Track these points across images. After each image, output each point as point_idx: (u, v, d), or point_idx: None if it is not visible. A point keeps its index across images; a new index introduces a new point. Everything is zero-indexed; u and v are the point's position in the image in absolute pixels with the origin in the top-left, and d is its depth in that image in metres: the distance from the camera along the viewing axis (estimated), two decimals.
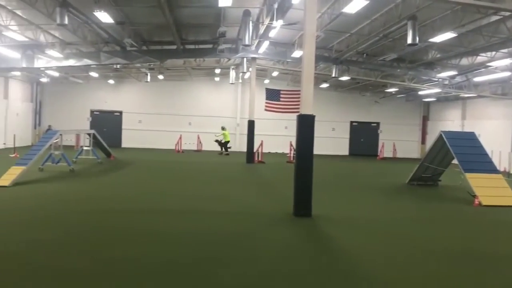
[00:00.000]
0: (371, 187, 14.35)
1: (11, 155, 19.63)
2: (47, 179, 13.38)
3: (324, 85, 28.02)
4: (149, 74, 27.10)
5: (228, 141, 26.75)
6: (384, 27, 14.68)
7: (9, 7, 14.22)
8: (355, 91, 30.83)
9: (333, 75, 21.33)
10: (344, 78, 22.93)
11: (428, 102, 31.86)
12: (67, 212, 8.87)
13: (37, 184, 12.28)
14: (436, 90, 24.28)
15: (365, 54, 20.43)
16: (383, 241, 7.52)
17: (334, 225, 8.62)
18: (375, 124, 32.51)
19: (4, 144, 23.36)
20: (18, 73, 25.65)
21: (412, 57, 20.21)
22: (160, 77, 28.50)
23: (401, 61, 20.81)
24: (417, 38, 13.29)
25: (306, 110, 9.23)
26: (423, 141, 32.16)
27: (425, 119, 32.60)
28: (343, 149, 31.74)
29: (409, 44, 13.67)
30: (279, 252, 6.64)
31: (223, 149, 26.75)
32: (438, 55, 18.83)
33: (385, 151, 29.55)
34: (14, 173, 12.08)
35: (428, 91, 25.83)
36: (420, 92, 27.31)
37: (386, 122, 32.14)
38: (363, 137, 32.22)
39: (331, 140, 30.25)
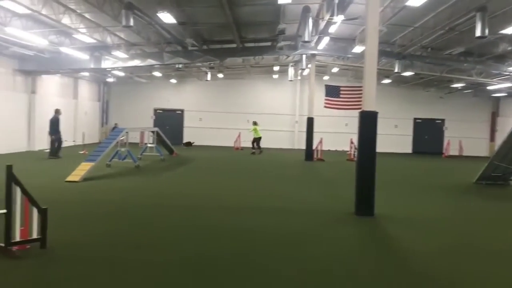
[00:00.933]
0: (436, 186, 13.81)
1: (80, 152, 20.64)
2: (114, 175, 13.96)
3: (386, 81, 27.29)
4: (209, 73, 27.56)
5: (259, 138, 24.67)
6: (450, 19, 14.03)
7: (78, 11, 14.89)
8: (418, 87, 29.79)
9: (396, 71, 20.70)
10: (407, 73, 22.21)
11: (498, 98, 30.18)
12: (134, 206, 9.20)
13: (105, 180, 12.83)
14: (507, 84, 22.94)
15: (429, 48, 19.64)
16: (448, 242, 7.21)
17: (398, 224, 8.37)
18: (439, 121, 31.26)
19: (74, 141, 24.62)
20: (86, 74, 26.93)
21: (481, 50, 19.19)
22: (220, 75, 28.91)
23: (469, 54, 19.81)
24: (487, 31, 12.57)
25: (369, 106, 9.01)
26: (492, 139, 30.52)
27: (494, 115, 30.93)
28: (406, 147, 30.78)
29: (478, 37, 12.96)
30: (342, 251, 6.53)
31: (254, 146, 24.56)
32: (510, 48, 17.77)
33: (451, 149, 28.32)
34: (83, 169, 12.69)
35: (498, 86, 24.44)
36: (489, 87, 25.90)
37: (452, 119, 30.81)
38: (427, 135, 31.08)
39: (393, 138, 29.36)
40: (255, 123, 24.82)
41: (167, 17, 14.07)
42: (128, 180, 13.07)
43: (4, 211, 5.57)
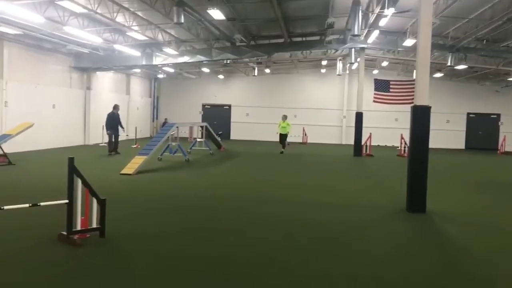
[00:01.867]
0: (492, 183, 13.32)
1: (133, 146, 21.33)
2: (165, 168, 14.34)
3: (438, 75, 26.48)
4: (256, 68, 27.71)
5: (286, 134, 21.29)
6: (508, 10, 13.44)
7: (132, 9, 15.36)
8: (472, 81, 28.71)
9: (449, 64, 20.05)
10: (461, 66, 21.46)
11: None
12: (186, 199, 9.45)
13: (157, 173, 13.22)
14: None
15: (485, 41, 18.88)
16: (505, 241, 6.95)
17: (451, 222, 8.15)
18: (495, 116, 29.99)
19: (127, 135, 25.45)
20: (138, 70, 27.74)
21: None
22: (267, 70, 28.99)
23: None
24: None
25: (421, 101, 8.80)
26: None
27: None
28: (459, 143, 29.77)
29: None
30: (394, 246, 6.45)
31: (283, 145, 21.32)
32: None
33: (507, 144, 27.12)
34: (137, 162, 13.13)
35: None
36: None
37: (508, 114, 29.49)
38: (481, 130, 29.91)
39: (445, 133, 28.46)
40: (285, 117, 21.50)
41: (216, 14, 14.27)
42: (179, 174, 13.40)
43: (66, 201, 5.87)
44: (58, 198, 6.26)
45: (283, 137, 21.21)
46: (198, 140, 20.55)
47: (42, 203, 6.00)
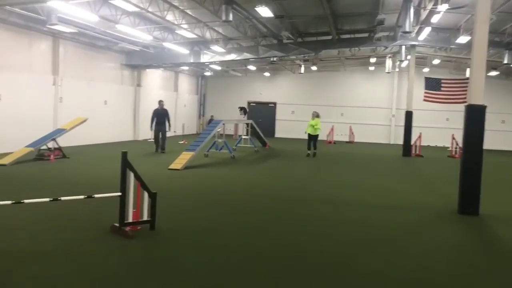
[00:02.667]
0: None
1: (180, 142, 21.73)
2: (212, 164, 14.53)
3: (493, 73, 25.40)
4: (303, 65, 27.56)
5: (316, 136, 18.04)
6: None
7: (181, 7, 15.64)
8: None
9: (505, 62, 19.20)
10: None
11: None
12: (232, 194, 9.53)
13: (204, 169, 13.40)
14: None
15: None
16: None
17: (505, 225, 7.82)
18: None
19: (175, 132, 25.98)
20: (186, 68, 28.21)
21: None
22: (314, 68, 28.77)
23: None
24: None
25: (476, 100, 8.47)
26: None
27: None
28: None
29: None
30: (445, 249, 6.25)
31: (310, 146, 18.22)
32: None
33: None
34: (184, 158, 13.36)
35: None
36: None
37: None
38: None
39: (500, 134, 27.30)
40: (315, 116, 18.14)
41: (264, 11, 14.29)
42: (225, 170, 13.54)
43: (119, 194, 6.04)
44: (111, 191, 6.46)
45: (312, 138, 17.94)
46: (243, 137, 20.68)
47: (96, 195, 6.21)
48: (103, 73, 20.86)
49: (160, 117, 17.46)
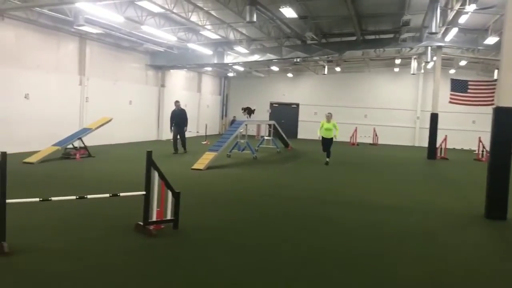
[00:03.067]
0: None
1: (203, 142, 21.86)
2: (234, 164, 14.56)
3: None
4: (326, 66, 27.40)
5: (330, 139, 15.88)
6: None
7: (206, 8, 15.74)
8: None
9: None
10: None
11: None
12: (255, 194, 9.54)
13: (226, 169, 13.45)
14: None
15: None
16: None
17: None
18: None
19: (197, 132, 26.15)
20: (209, 69, 28.37)
21: None
22: (338, 69, 28.58)
23: None
24: None
25: (505, 102, 8.27)
26: None
27: None
28: None
29: None
30: (472, 253, 6.12)
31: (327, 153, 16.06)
32: None
33: None
34: (207, 158, 13.43)
35: None
36: None
37: None
38: None
39: None
40: (329, 117, 16.11)
41: (289, 12, 14.28)
42: (247, 170, 13.55)
43: (144, 192, 6.11)
44: (135, 189, 6.54)
45: (326, 142, 15.73)
46: (265, 138, 20.68)
47: (121, 194, 6.29)
48: (128, 74, 21.14)
49: (178, 118, 17.10)
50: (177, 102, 17.45)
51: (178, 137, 17.16)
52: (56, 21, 15.50)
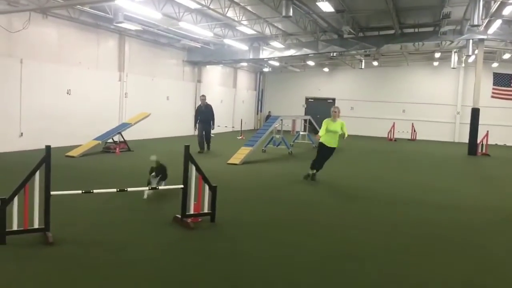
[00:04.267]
0: None
1: (238, 137, 21.97)
2: (269, 159, 14.58)
3: None
4: (363, 60, 26.99)
5: (332, 148, 10.78)
6: None
7: (242, 4, 15.77)
8: None
9: None
10: None
11: None
12: (291, 190, 9.53)
13: (261, 164, 13.48)
14: None
15: None
16: None
17: None
18: None
19: (233, 127, 26.31)
20: (244, 64, 28.45)
21: None
22: (375, 63, 28.11)
23: None
24: None
25: None
26: None
27: None
28: None
29: None
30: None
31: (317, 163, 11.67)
32: None
33: None
34: (243, 153, 13.50)
35: None
36: None
37: None
38: None
39: None
40: (335, 113, 10.76)
41: (325, 6, 14.14)
42: (283, 165, 13.55)
43: (182, 186, 6.21)
44: (173, 183, 6.66)
45: (326, 153, 10.68)
46: (301, 133, 20.60)
47: (160, 187, 6.41)
48: (165, 70, 21.47)
49: (204, 115, 15.82)
50: (202, 97, 16.20)
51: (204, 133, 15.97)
52: (97, 18, 15.89)
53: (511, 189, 10.91)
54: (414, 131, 27.51)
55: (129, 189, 6.19)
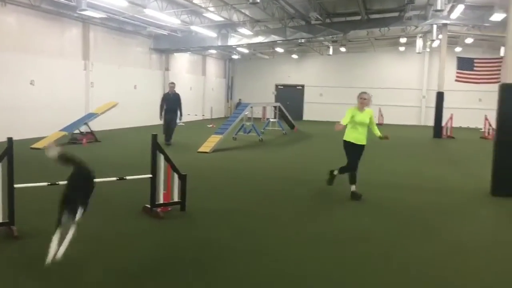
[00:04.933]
0: None
1: (208, 126, 21.88)
2: (240, 147, 14.60)
3: None
4: (331, 47, 27.19)
5: (362, 146, 8.21)
6: None
7: None
8: None
9: None
10: None
11: None
12: (261, 177, 9.59)
13: (232, 151, 13.50)
14: None
15: None
16: None
17: None
18: None
19: (203, 115, 26.17)
20: (213, 51, 28.24)
21: None
22: (342, 49, 28.37)
23: None
24: None
25: (511, 78, 8.22)
26: None
27: None
28: None
29: None
30: (479, 232, 6.16)
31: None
32: None
33: None
34: (213, 141, 13.47)
35: None
36: None
37: None
38: None
39: None
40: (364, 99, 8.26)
41: None
42: (253, 153, 13.60)
43: (150, 175, 6.16)
44: (142, 173, 6.59)
45: (356, 151, 8.12)
46: (271, 120, 20.67)
47: (128, 177, 6.35)
48: (132, 58, 21.11)
49: (170, 103, 14.65)
50: (171, 84, 15.18)
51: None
52: (59, 6, 15.45)
53: (475, 170, 11.24)
54: (381, 115, 27.97)
55: (95, 180, 6.09)
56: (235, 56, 30.76)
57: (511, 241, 5.82)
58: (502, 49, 21.70)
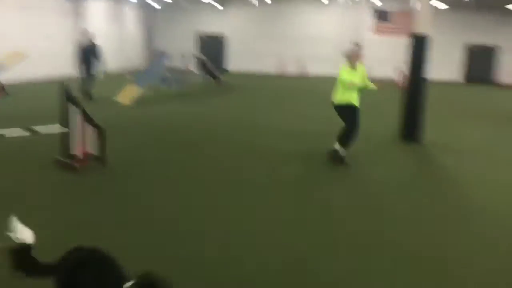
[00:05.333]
0: (485, 116, 13.37)
1: (127, 77, 21.02)
2: (160, 100, 14.24)
3: (442, 6, 25.52)
4: None
5: (353, 107, 7.16)
6: None
7: None
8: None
9: None
10: None
11: None
12: (182, 129, 9.54)
13: (152, 104, 13.14)
14: None
15: None
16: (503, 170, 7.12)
17: (444, 152, 8.30)
18: (493, 47, 29.26)
19: (123, 67, 25.09)
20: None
21: None
22: (268, 1, 28.07)
23: None
24: None
25: (421, 29, 8.66)
26: None
27: None
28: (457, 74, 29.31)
29: None
30: (388, 175, 6.60)
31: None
32: None
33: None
34: (132, 91, 13.01)
35: None
36: None
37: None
38: (480, 62, 29.15)
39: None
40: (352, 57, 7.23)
41: None
42: (174, 105, 13.32)
43: (67, 129, 5.85)
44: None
45: (349, 114, 7.12)
46: (194, 71, 20.28)
47: (36, 127, 5.99)
48: (41, 4, 19.48)
49: (85, 53, 13.46)
50: (85, 32, 13.99)
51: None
52: None
53: (387, 117, 11.82)
54: (304, 67, 28.39)
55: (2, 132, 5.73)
56: (156, 5, 29.43)
57: (418, 180, 6.31)
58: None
